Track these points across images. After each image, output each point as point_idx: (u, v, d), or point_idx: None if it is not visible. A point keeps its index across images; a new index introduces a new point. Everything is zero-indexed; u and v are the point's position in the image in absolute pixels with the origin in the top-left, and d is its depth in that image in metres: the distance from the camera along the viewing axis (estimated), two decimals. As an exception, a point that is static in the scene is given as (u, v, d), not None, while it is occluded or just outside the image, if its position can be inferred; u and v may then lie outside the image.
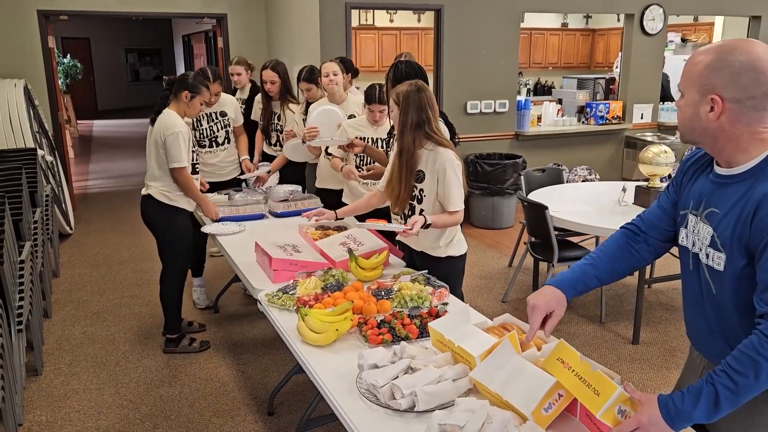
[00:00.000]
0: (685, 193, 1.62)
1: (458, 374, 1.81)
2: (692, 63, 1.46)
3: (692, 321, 1.65)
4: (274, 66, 4.40)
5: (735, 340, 1.41)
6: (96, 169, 9.85)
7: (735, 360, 1.35)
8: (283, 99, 4.48)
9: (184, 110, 3.57)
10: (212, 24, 8.07)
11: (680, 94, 1.50)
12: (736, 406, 1.36)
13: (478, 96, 6.72)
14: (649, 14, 7.24)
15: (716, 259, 1.48)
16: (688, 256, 1.59)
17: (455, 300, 2.52)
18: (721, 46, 1.43)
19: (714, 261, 1.48)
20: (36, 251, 4.11)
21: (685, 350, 3.83)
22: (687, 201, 1.60)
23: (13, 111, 5.63)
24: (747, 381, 1.33)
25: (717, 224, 1.47)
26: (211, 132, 4.35)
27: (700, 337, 1.63)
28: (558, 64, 11.56)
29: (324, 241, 3.06)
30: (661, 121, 7.80)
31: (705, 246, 1.51)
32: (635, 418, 1.41)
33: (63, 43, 15.08)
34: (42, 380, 3.50)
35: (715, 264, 1.48)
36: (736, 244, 1.42)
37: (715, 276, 1.50)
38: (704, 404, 1.35)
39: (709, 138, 1.47)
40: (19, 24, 6.49)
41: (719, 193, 1.49)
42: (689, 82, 1.46)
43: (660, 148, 4.21)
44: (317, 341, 2.13)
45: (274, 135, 4.62)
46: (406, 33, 9.95)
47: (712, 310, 1.53)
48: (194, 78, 3.58)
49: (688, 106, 1.47)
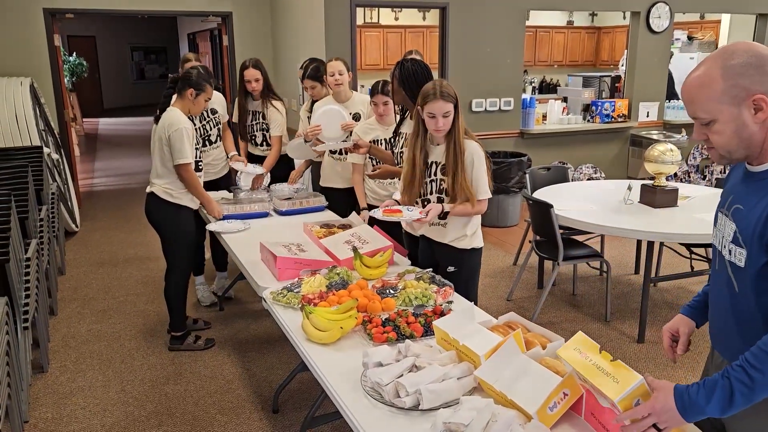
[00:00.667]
0: (722, 193, 1.62)
1: (463, 372, 1.81)
2: (700, 86, 1.41)
3: (714, 319, 1.64)
4: (256, 64, 4.36)
5: (755, 339, 1.41)
6: (101, 166, 9.88)
7: (753, 356, 1.35)
8: (266, 97, 4.43)
9: (188, 108, 3.58)
10: (218, 22, 8.08)
11: (707, 122, 1.44)
12: (751, 402, 1.36)
13: (484, 94, 6.71)
14: (656, 12, 7.21)
15: (738, 255, 1.47)
16: (715, 253, 1.60)
17: (460, 298, 2.52)
18: (715, 58, 1.41)
19: (736, 257, 1.48)
20: (42, 249, 4.13)
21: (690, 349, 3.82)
22: (721, 199, 1.60)
23: (20, 109, 5.65)
24: (763, 378, 1.32)
25: (740, 220, 1.47)
26: (204, 131, 4.30)
27: (721, 335, 1.62)
28: (563, 62, 11.52)
29: (329, 240, 3.06)
30: (667, 119, 7.77)
31: (728, 242, 1.50)
32: (649, 404, 1.41)
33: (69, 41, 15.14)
34: (48, 377, 3.52)
35: (737, 260, 1.48)
36: (757, 241, 1.41)
37: (737, 272, 1.49)
38: (718, 398, 1.35)
39: (755, 144, 1.43)
40: (25, 22, 6.51)
41: (746, 190, 1.49)
42: (713, 104, 1.40)
43: (666, 146, 4.19)
44: (322, 339, 2.13)
45: (260, 134, 4.53)
46: (410, 31, 9.93)
47: (734, 309, 1.53)
48: (198, 76, 3.57)
49: (728, 123, 1.41)
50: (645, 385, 1.46)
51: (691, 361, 3.68)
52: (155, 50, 17.90)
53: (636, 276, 5.00)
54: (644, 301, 3.92)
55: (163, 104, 3.60)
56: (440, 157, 2.76)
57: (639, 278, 4.87)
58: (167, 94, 3.64)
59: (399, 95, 3.16)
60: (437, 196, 2.80)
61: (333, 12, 5.85)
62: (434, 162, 2.79)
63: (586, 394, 1.62)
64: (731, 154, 1.46)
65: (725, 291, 1.55)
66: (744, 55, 1.38)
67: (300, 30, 6.62)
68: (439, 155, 2.76)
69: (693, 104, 1.44)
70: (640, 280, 4.21)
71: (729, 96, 1.39)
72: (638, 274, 5.00)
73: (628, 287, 4.80)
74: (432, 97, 2.63)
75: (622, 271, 5.14)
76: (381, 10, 9.78)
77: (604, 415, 1.57)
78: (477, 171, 2.71)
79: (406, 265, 2.90)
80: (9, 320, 2.89)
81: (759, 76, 1.37)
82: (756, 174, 1.48)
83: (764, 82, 1.37)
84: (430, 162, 2.79)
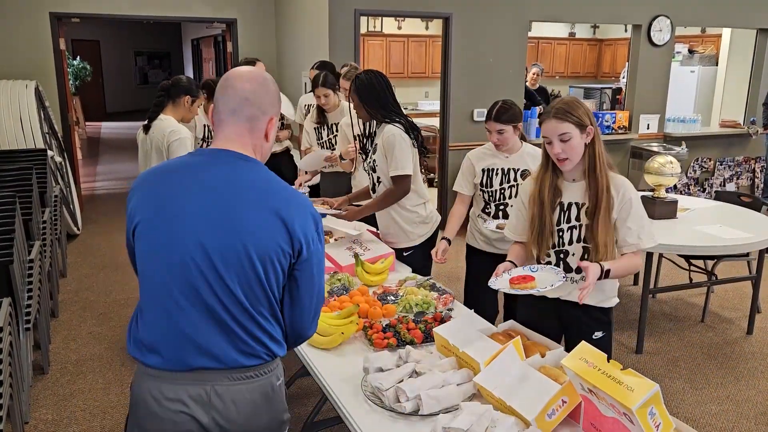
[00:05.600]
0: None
1: (463, 379, 1.83)
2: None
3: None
4: (253, 61, 4.49)
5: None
6: (104, 170, 9.91)
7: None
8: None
9: (182, 115, 3.47)
10: (222, 28, 8.13)
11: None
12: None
13: (485, 104, 6.67)
14: (657, 25, 7.26)
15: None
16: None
17: (460, 306, 2.54)
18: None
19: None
20: (45, 251, 4.15)
21: (688, 360, 3.84)
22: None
23: (24, 112, 5.69)
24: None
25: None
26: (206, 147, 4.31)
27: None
28: (565, 73, 11.58)
29: (330, 246, 3.08)
30: (668, 131, 7.80)
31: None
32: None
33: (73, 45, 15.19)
34: (48, 379, 3.53)
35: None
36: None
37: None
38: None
39: None
40: (32, 26, 6.55)
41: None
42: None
43: (666, 158, 4.22)
44: (323, 344, 2.15)
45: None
46: (413, 40, 10.00)
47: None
48: (189, 82, 3.48)
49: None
50: (659, 393, 1.46)
51: (689, 372, 3.70)
52: (159, 55, 17.97)
53: (635, 287, 5.01)
54: (643, 312, 3.94)
55: (154, 113, 3.47)
56: (580, 197, 2.19)
57: (638, 289, 4.89)
58: (158, 102, 3.50)
59: (361, 111, 3.00)
60: (582, 246, 2.19)
61: (337, 20, 5.90)
62: (573, 203, 2.20)
63: (586, 403, 1.64)
64: None
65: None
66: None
67: (304, 38, 6.66)
68: (578, 194, 2.19)
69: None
70: (639, 291, 4.23)
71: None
72: (637, 285, 5.02)
73: (627, 298, 4.82)
74: (545, 116, 2.14)
75: (621, 281, 5.15)
76: (384, 19, 9.84)
77: (606, 425, 1.57)
78: (635, 211, 2.16)
79: (407, 273, 2.92)
80: (12, 321, 2.91)
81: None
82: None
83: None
84: (566, 203, 2.21)
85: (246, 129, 1.50)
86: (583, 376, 1.55)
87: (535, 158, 2.84)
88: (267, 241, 1.42)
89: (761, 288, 4.33)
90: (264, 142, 1.55)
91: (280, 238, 1.43)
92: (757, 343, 4.10)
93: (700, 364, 3.82)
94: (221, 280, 1.42)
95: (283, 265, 1.46)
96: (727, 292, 4.92)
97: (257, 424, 1.49)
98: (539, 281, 2.05)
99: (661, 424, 1.49)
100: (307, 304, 1.52)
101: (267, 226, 1.42)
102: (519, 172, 3.02)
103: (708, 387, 3.55)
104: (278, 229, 1.43)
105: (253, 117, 1.50)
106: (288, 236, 1.43)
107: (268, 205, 1.44)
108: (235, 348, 1.45)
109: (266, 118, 1.53)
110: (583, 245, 2.18)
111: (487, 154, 3.07)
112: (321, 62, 4.51)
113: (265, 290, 1.45)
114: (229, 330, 1.44)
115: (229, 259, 1.41)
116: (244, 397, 1.47)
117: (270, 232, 1.42)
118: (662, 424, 1.49)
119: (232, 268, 1.42)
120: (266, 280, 1.44)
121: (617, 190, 2.14)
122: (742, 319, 4.40)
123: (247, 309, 1.44)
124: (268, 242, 1.42)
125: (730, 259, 4.32)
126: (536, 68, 7.84)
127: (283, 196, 1.47)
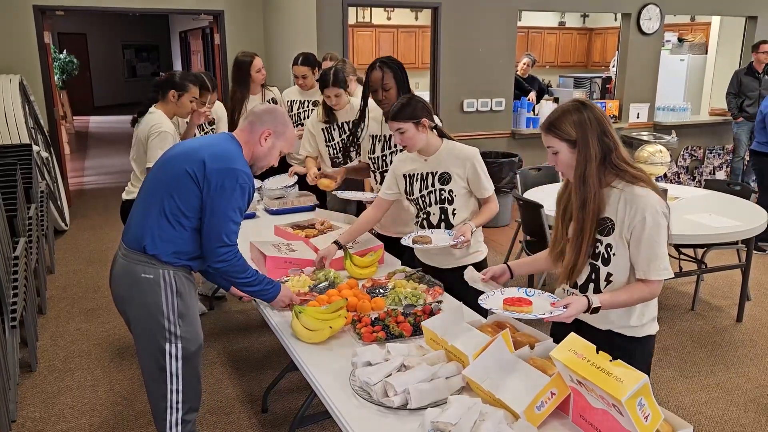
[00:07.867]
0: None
1: (451, 372, 1.81)
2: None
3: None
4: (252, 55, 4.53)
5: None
6: (92, 165, 9.83)
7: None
8: (264, 87, 4.59)
9: (173, 111, 3.42)
10: (209, 20, 8.06)
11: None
12: None
13: (475, 94, 6.72)
14: (646, 14, 7.25)
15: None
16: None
17: (449, 298, 2.52)
18: None
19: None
20: (31, 247, 4.10)
21: (678, 348, 3.85)
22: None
23: (8, 106, 5.62)
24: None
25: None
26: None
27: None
28: (555, 63, 11.56)
29: (318, 239, 3.05)
30: (657, 120, 7.81)
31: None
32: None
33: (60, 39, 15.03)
34: (36, 376, 3.49)
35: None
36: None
37: None
38: None
39: None
40: (15, 19, 6.46)
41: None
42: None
43: (656, 147, 4.22)
44: (311, 338, 2.13)
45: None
46: (403, 30, 9.94)
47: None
48: (181, 77, 3.42)
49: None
50: (648, 384, 1.46)
51: (679, 360, 3.71)
52: (147, 48, 17.82)
53: (625, 276, 5.01)
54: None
55: (145, 107, 3.41)
56: (608, 212, 1.93)
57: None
58: (150, 98, 3.44)
59: (390, 93, 3.05)
60: (600, 264, 1.98)
61: (325, 11, 5.85)
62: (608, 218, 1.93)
63: (575, 395, 1.63)
64: None
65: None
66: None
67: (292, 29, 6.61)
68: (608, 209, 1.93)
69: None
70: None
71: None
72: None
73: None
74: (541, 128, 1.97)
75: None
76: (373, 10, 9.79)
77: (595, 417, 1.57)
78: (651, 238, 1.86)
79: (397, 265, 2.90)
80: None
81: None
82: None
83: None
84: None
85: (248, 129, 2.30)
86: (572, 368, 1.54)
87: (457, 158, 2.60)
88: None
89: (750, 276, 4.34)
90: (258, 146, 2.29)
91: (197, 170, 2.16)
92: (746, 331, 4.11)
93: (690, 352, 3.83)
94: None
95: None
96: (717, 280, 4.93)
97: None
98: (536, 307, 1.90)
99: (650, 415, 1.48)
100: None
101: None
102: (437, 176, 2.65)
103: (698, 375, 3.56)
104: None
105: (254, 123, 2.29)
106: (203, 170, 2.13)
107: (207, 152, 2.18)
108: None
109: (262, 129, 2.27)
110: (602, 266, 1.96)
111: (409, 158, 2.73)
112: (303, 55, 4.41)
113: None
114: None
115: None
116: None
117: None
118: (651, 415, 1.48)
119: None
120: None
121: (631, 206, 1.86)
122: (732, 307, 4.42)
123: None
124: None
125: (720, 247, 4.33)
126: (527, 58, 7.83)
127: (213, 151, 2.18)
